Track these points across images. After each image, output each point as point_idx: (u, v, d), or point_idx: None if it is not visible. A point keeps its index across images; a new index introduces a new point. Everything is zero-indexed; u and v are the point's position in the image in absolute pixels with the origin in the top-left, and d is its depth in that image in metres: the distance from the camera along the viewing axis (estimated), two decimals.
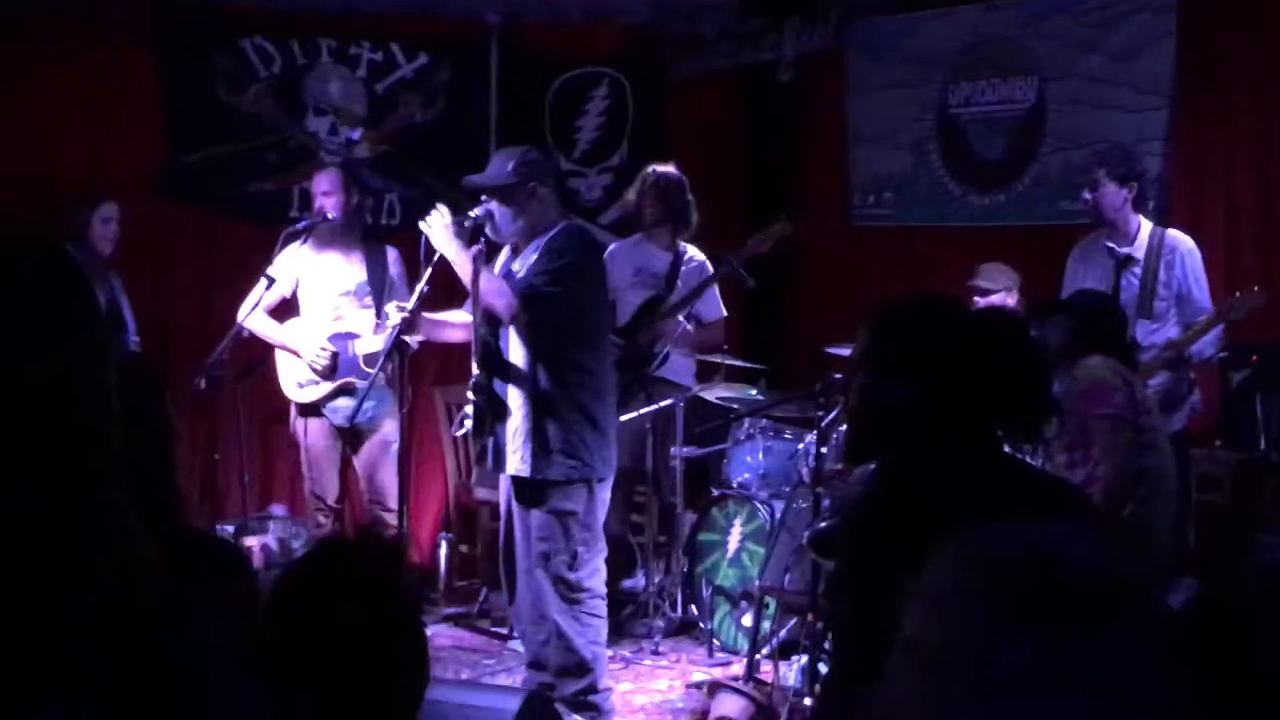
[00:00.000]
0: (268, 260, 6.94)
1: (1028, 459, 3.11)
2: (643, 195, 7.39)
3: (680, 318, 7.21)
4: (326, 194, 7.02)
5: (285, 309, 7.09)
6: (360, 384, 6.75)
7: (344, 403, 6.91)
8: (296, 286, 7.07)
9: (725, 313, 7.49)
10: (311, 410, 7.01)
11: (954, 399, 2.82)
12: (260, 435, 8.21)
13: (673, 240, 7.38)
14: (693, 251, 7.42)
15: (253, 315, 6.95)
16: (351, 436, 7.03)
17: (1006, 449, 2.93)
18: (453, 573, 7.85)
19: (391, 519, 6.76)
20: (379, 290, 6.96)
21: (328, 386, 6.94)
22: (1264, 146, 6.82)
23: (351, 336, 6.95)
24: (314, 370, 6.94)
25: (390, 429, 6.92)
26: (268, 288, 6.86)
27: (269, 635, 2.18)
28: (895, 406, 2.85)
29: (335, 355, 6.91)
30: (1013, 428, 2.91)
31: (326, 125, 8.47)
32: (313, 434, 7.06)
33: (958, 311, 3.02)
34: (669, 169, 7.40)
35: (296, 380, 7.00)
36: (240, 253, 7.78)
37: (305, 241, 6.99)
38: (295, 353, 6.98)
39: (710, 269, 7.36)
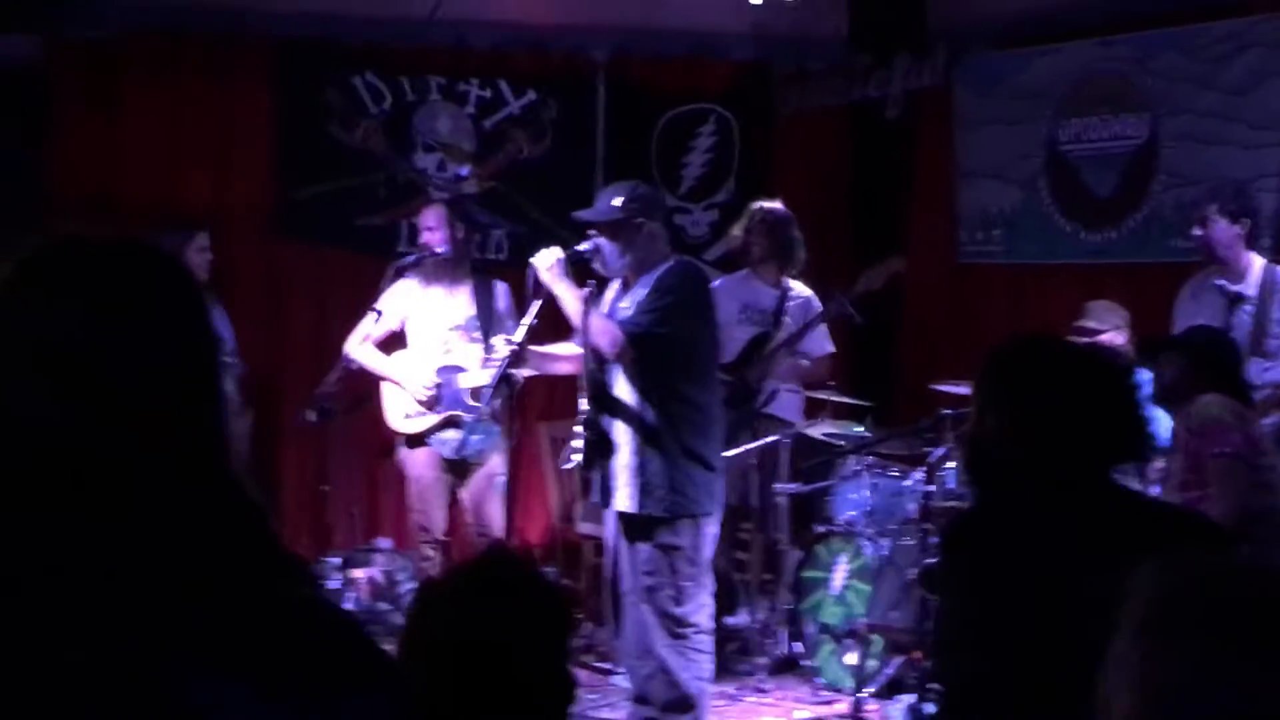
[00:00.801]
0: (376, 294, 7.01)
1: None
2: (750, 231, 7.39)
3: (788, 354, 7.21)
4: (432, 230, 7.08)
5: (393, 343, 7.16)
6: (467, 417, 6.79)
7: (451, 435, 6.96)
8: (405, 321, 7.13)
9: (833, 348, 7.47)
10: (418, 442, 7.06)
11: (1063, 441, 2.86)
12: (367, 468, 8.30)
13: (779, 276, 7.38)
14: (798, 288, 7.41)
15: (360, 348, 7.01)
16: (458, 469, 7.08)
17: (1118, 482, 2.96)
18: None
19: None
20: (487, 324, 7.00)
21: (434, 418, 6.99)
22: None
23: (459, 370, 6.99)
24: (419, 402, 7.00)
25: (497, 462, 6.96)
26: (376, 321, 6.93)
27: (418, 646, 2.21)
28: (1004, 442, 2.91)
29: (439, 387, 6.97)
30: (1113, 457, 2.94)
31: (435, 161, 8.57)
32: (419, 465, 7.10)
33: (1064, 353, 3.08)
34: (776, 205, 7.41)
35: (404, 412, 7.05)
36: (350, 286, 7.88)
37: (413, 276, 7.06)
38: (400, 385, 7.03)
39: (816, 304, 7.35)
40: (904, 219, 9.04)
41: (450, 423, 6.97)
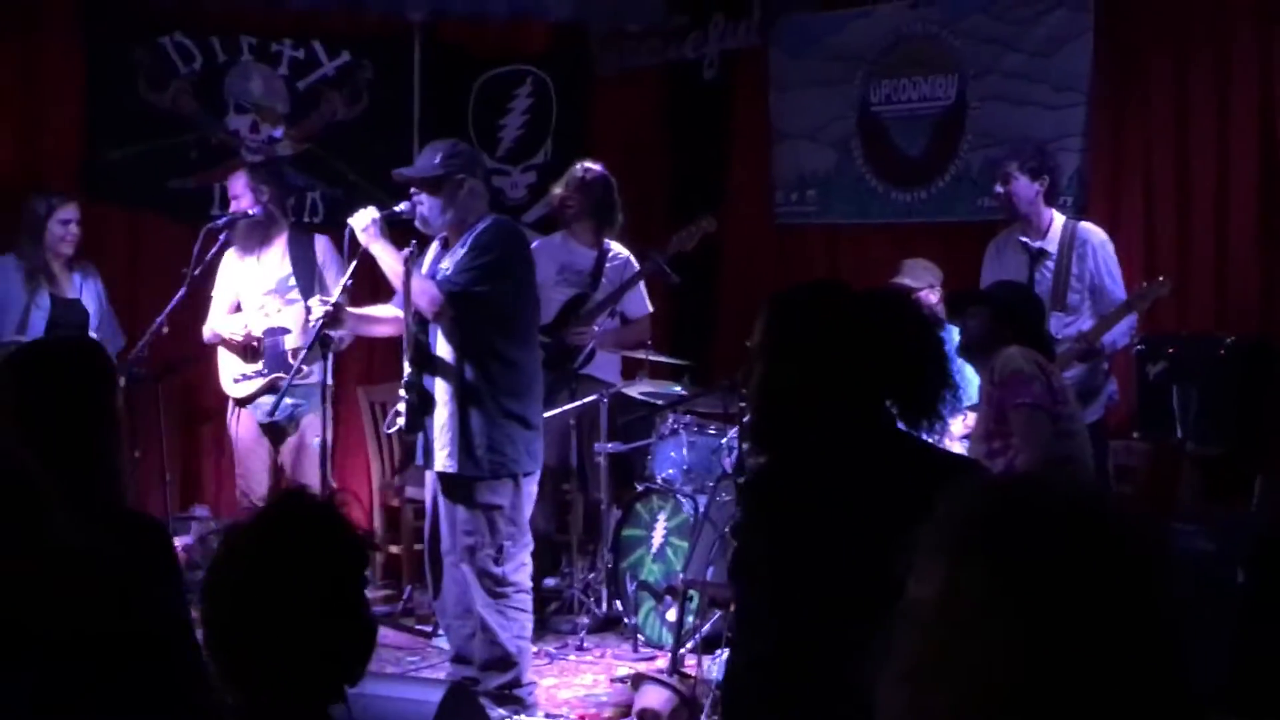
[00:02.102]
0: (189, 258, 6.90)
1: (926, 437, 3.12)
2: (568, 191, 7.39)
3: (606, 315, 7.23)
4: (238, 196, 7.07)
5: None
6: (283, 380, 6.73)
7: (268, 399, 6.93)
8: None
9: (651, 309, 7.51)
10: (243, 405, 7.02)
11: (844, 381, 2.86)
12: (185, 435, 8.17)
13: (597, 238, 7.38)
14: (617, 249, 7.42)
15: (212, 326, 7.09)
16: (274, 433, 7.04)
17: (902, 427, 2.96)
18: (375, 573, 7.83)
19: None
20: (307, 283, 6.95)
21: (259, 382, 6.94)
22: (1180, 141, 6.90)
23: (284, 331, 6.94)
24: (241, 360, 6.96)
25: (314, 425, 6.90)
26: (185, 289, 6.84)
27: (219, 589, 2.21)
28: (789, 393, 2.91)
29: (259, 340, 6.94)
30: (908, 406, 2.94)
31: (248, 123, 8.43)
32: (241, 429, 7.10)
33: (845, 294, 3.03)
34: (596, 166, 7.41)
35: (232, 375, 7.02)
36: (161, 250, 7.75)
37: (229, 245, 7.04)
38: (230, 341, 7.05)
39: (635, 266, 7.38)
40: (721, 180, 9.11)
41: (273, 387, 6.91)
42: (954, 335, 5.61)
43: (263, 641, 2.15)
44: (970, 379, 5.48)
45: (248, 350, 6.99)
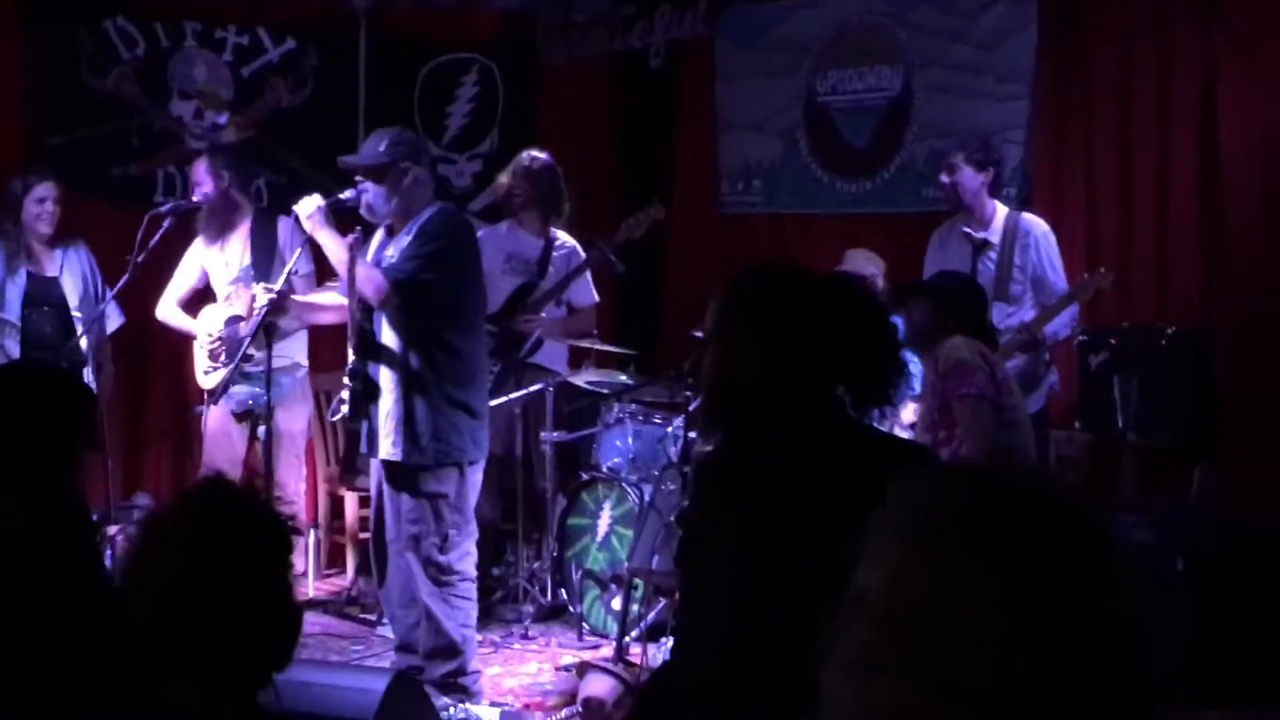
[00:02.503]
0: (132, 245, 6.85)
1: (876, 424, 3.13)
2: (515, 180, 7.37)
3: (552, 304, 7.23)
4: (200, 183, 7.10)
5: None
6: (250, 369, 6.74)
7: (238, 389, 6.92)
8: (205, 278, 7.21)
9: (597, 298, 7.51)
10: (215, 396, 7.01)
11: (797, 364, 2.86)
12: (129, 423, 8.12)
13: (544, 226, 7.38)
14: (564, 238, 7.42)
15: (166, 309, 7.17)
16: (251, 422, 7.12)
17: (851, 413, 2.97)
18: (321, 561, 7.81)
19: (288, 510, 6.79)
20: (266, 268, 6.93)
21: (224, 372, 6.92)
22: (1122, 134, 6.95)
23: (240, 320, 6.94)
24: (208, 356, 6.98)
25: (285, 416, 7.02)
26: (128, 276, 6.81)
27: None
28: (743, 375, 2.90)
29: (223, 340, 6.95)
30: (860, 391, 2.96)
31: (191, 109, 8.38)
32: (211, 419, 7.13)
33: (800, 279, 3.03)
34: (543, 155, 7.40)
35: (203, 368, 7.04)
36: (105, 237, 7.68)
37: (193, 233, 7.09)
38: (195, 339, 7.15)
39: (582, 255, 7.38)
40: (668, 170, 9.11)
41: (242, 377, 6.91)
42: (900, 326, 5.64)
43: (182, 628, 2.14)
44: (915, 370, 5.51)
45: (213, 353, 7.02)
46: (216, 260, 7.09)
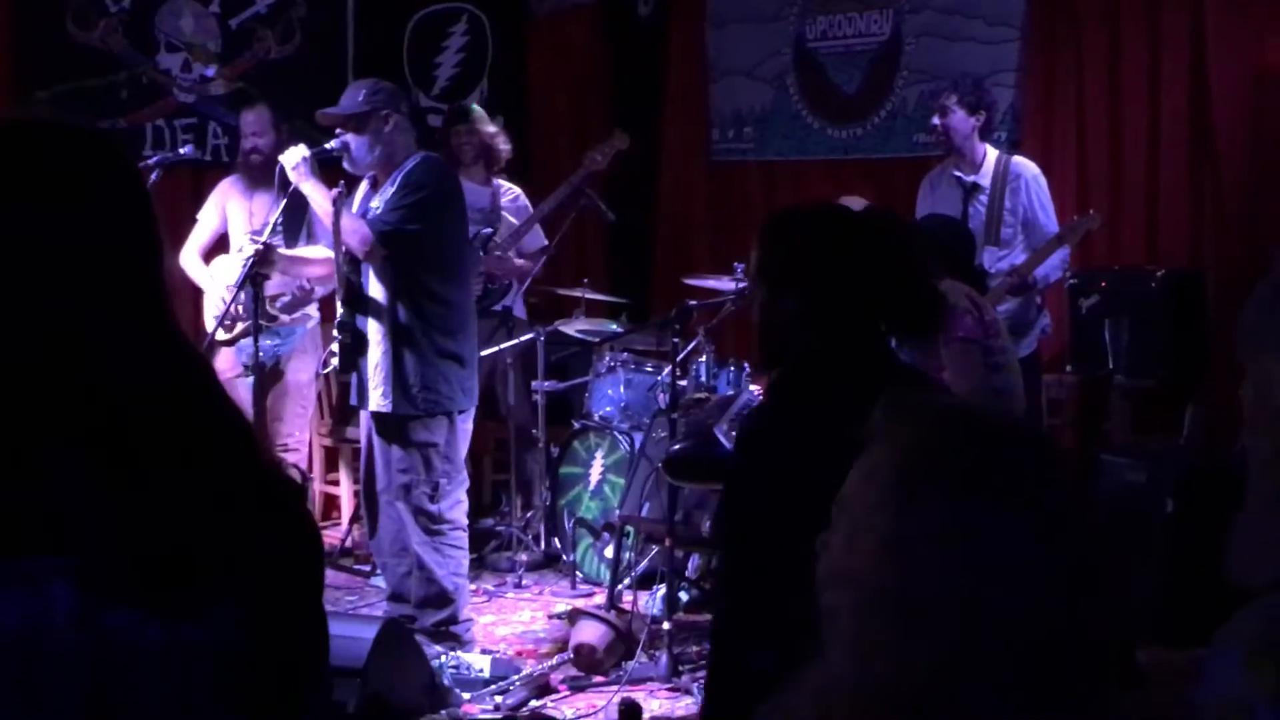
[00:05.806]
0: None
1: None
2: (462, 136, 7.41)
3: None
4: (256, 134, 7.11)
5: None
6: (269, 324, 6.73)
7: (249, 341, 6.89)
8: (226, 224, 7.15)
9: (546, 242, 7.47)
10: (224, 347, 6.99)
11: (841, 303, 2.87)
12: None
13: (487, 176, 7.39)
14: (508, 185, 7.45)
15: (186, 258, 7.06)
16: (264, 375, 7.10)
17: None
18: (315, 513, 7.83)
19: (293, 459, 6.91)
20: (295, 225, 6.86)
21: (240, 326, 6.89)
22: (1112, 76, 6.94)
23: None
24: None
25: (295, 367, 6.99)
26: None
27: None
28: (788, 315, 2.92)
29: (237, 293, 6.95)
30: (902, 328, 2.98)
31: (179, 61, 8.32)
32: (223, 374, 7.05)
33: (842, 218, 3.06)
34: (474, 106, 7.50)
35: (215, 317, 7.02)
36: None
37: (236, 181, 7.11)
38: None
39: (525, 200, 7.39)
40: (659, 117, 9.09)
41: (247, 331, 6.88)
42: None
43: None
44: None
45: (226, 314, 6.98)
46: (242, 210, 7.03)
